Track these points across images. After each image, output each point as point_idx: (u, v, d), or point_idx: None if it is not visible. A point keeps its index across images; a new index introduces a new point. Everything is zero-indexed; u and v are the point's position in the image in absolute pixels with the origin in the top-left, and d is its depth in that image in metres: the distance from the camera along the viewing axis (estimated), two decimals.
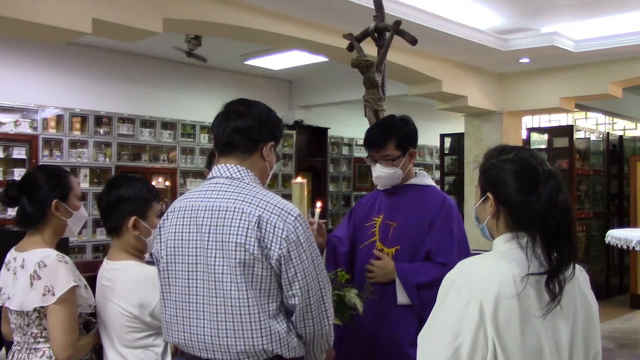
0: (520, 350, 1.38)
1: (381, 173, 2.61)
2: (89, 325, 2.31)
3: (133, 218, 2.21)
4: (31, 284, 2.08)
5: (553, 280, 1.41)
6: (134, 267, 2.20)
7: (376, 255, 2.59)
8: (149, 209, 2.25)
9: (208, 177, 1.94)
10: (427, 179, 2.74)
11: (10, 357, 2.20)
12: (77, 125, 6.85)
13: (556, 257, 1.42)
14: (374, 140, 2.61)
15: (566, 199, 1.46)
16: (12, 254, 2.23)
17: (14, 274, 2.16)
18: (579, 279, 1.53)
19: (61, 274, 2.09)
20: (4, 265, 2.24)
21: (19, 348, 2.18)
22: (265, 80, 9.06)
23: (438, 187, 2.81)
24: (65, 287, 2.08)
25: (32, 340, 2.15)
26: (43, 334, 2.14)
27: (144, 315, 2.12)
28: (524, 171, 1.50)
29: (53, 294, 2.06)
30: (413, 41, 3.12)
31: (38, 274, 2.08)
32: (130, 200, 2.22)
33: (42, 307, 2.08)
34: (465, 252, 2.57)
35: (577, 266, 1.49)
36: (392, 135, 2.58)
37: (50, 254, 2.13)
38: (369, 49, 3.19)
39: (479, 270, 1.45)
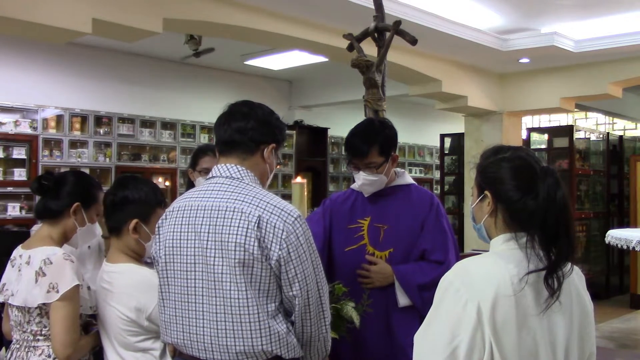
0: (516, 351, 1.38)
1: (365, 181, 2.57)
2: (88, 326, 2.32)
3: (134, 221, 2.21)
4: (36, 280, 2.10)
5: (552, 276, 1.41)
6: (132, 271, 2.20)
7: (369, 260, 2.56)
8: (152, 215, 2.24)
9: (208, 177, 1.94)
10: (408, 178, 2.73)
11: (9, 355, 2.21)
12: (77, 125, 6.84)
13: (555, 252, 1.43)
14: (357, 148, 2.55)
15: (564, 195, 1.46)
16: (18, 251, 2.25)
17: (19, 270, 2.17)
18: (575, 279, 1.53)
19: (66, 271, 2.10)
20: (9, 262, 2.26)
21: (17, 346, 2.18)
22: (265, 80, 9.06)
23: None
24: (69, 284, 2.09)
25: (32, 337, 2.15)
26: (43, 332, 2.14)
27: (141, 319, 2.12)
28: (522, 169, 1.50)
29: (57, 291, 2.07)
30: (413, 41, 3.12)
31: (43, 270, 2.09)
32: (134, 204, 2.22)
33: (44, 304, 2.09)
34: (456, 246, 2.63)
35: (573, 267, 1.49)
36: (375, 142, 2.53)
37: (57, 252, 2.15)
38: (369, 49, 3.19)
39: (477, 271, 1.45)
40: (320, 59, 6.79)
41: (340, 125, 9.47)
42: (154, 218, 2.22)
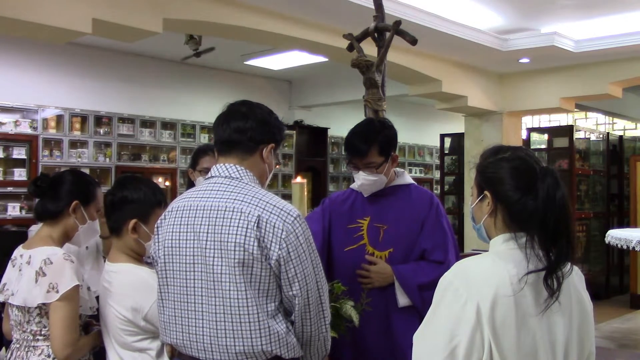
0: (516, 351, 1.38)
1: (365, 181, 2.57)
2: (88, 326, 2.33)
3: (133, 221, 2.21)
4: (36, 280, 2.10)
5: (551, 276, 1.41)
6: (130, 271, 2.20)
7: (369, 260, 2.55)
8: (151, 214, 2.24)
9: (207, 177, 1.94)
10: (408, 178, 2.73)
11: (9, 355, 2.22)
12: (77, 125, 6.85)
13: (555, 253, 1.43)
14: (356, 148, 2.55)
15: (564, 195, 1.46)
16: (19, 251, 2.26)
17: (19, 270, 2.18)
18: (575, 279, 1.53)
19: (66, 272, 2.11)
20: (10, 261, 2.27)
21: (17, 346, 2.19)
22: (265, 80, 9.06)
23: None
24: (69, 284, 2.09)
25: (31, 337, 2.16)
26: (42, 332, 2.15)
27: (138, 319, 2.12)
28: (521, 169, 1.50)
29: (57, 291, 2.08)
30: (413, 41, 3.12)
31: (43, 270, 2.10)
32: (133, 204, 2.23)
33: (44, 304, 2.10)
34: (456, 246, 2.63)
35: (573, 267, 1.49)
36: (375, 142, 2.52)
37: (57, 252, 2.15)
38: (369, 49, 3.19)
39: (476, 271, 1.45)
40: (320, 59, 6.79)
41: (340, 125, 9.47)
42: (154, 218, 2.21)
